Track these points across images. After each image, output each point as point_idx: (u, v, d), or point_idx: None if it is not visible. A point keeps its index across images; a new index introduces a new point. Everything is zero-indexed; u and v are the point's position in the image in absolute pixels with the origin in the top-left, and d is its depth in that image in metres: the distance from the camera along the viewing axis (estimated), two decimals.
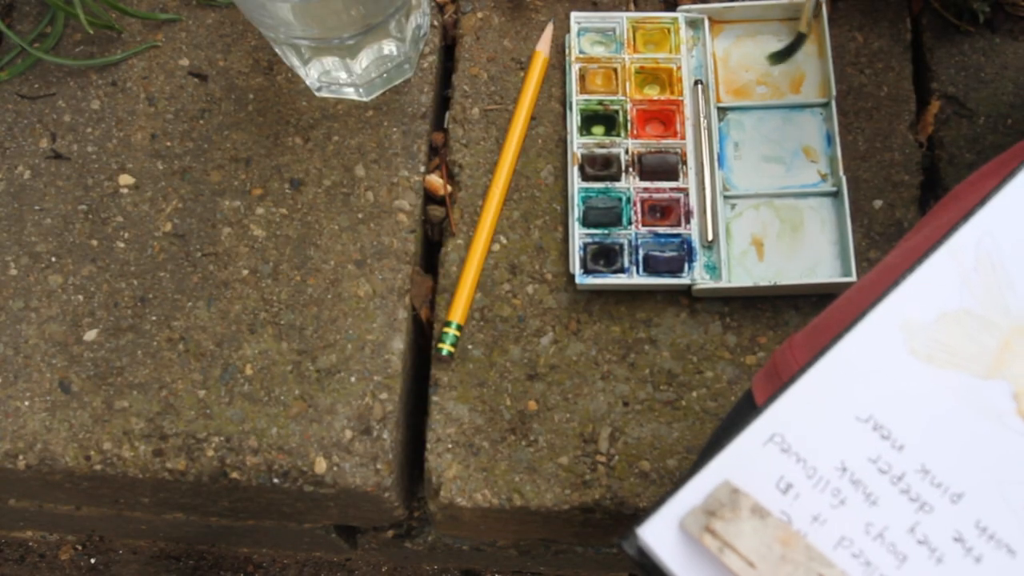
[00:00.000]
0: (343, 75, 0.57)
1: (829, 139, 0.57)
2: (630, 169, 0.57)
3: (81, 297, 0.56)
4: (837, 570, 0.39)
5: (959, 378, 0.42)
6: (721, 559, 0.39)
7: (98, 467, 0.53)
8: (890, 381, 0.42)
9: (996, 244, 0.44)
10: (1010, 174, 0.45)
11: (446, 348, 0.55)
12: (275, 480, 0.53)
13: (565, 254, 0.57)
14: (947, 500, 0.40)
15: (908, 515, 0.40)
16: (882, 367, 0.43)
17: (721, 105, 0.59)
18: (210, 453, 0.53)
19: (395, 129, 0.59)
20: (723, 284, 0.54)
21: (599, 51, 0.61)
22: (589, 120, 0.59)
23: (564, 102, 0.60)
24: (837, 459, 0.41)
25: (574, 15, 0.61)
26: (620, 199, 0.57)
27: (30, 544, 0.81)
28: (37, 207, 0.58)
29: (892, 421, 0.42)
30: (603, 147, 0.58)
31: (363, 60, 0.56)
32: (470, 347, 0.55)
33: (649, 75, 0.60)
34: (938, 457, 0.41)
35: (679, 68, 0.59)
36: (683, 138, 0.58)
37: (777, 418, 0.42)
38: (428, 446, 0.54)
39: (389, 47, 0.57)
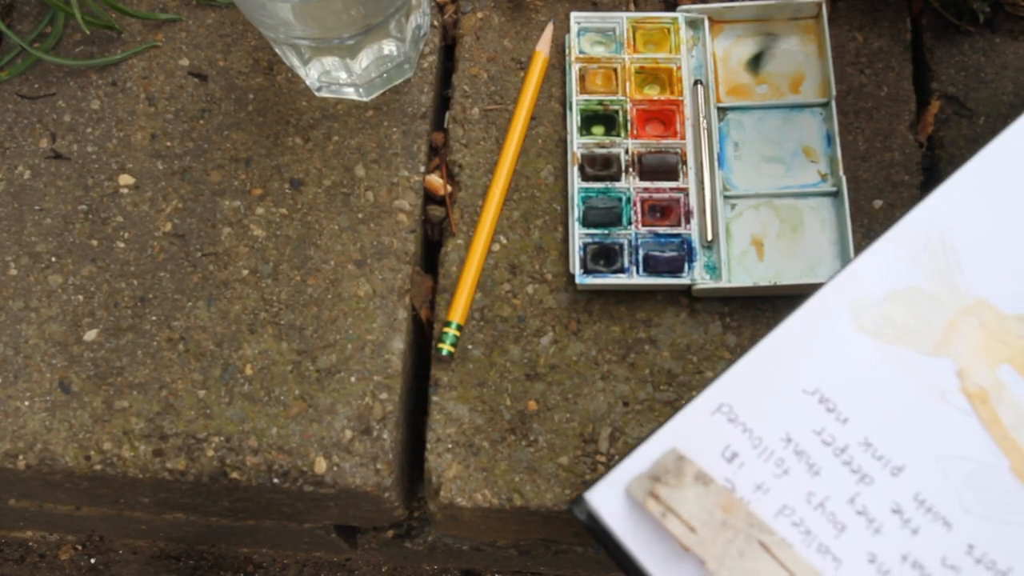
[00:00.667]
0: (343, 75, 0.57)
1: (829, 139, 0.57)
2: (630, 169, 0.57)
3: (81, 297, 0.56)
4: (777, 537, 0.39)
5: (906, 354, 0.42)
6: (664, 524, 0.39)
7: (98, 467, 0.53)
8: (838, 356, 0.42)
9: (948, 225, 0.44)
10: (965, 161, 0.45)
11: (446, 348, 0.55)
12: (275, 480, 0.53)
13: (565, 254, 0.57)
14: (887, 473, 0.40)
15: (849, 486, 0.40)
16: (830, 342, 0.43)
17: (721, 105, 0.59)
18: (210, 453, 0.53)
19: (395, 129, 0.59)
20: (723, 284, 0.54)
21: (599, 51, 0.61)
22: (589, 120, 0.59)
23: (564, 102, 0.60)
24: (782, 430, 0.41)
25: (574, 15, 0.61)
26: (620, 199, 0.57)
27: (30, 544, 0.81)
28: (37, 207, 0.58)
29: (838, 395, 0.42)
30: (603, 147, 0.58)
31: (363, 60, 0.56)
32: (470, 347, 0.55)
33: (649, 75, 0.60)
34: (881, 431, 0.41)
35: (679, 68, 0.59)
36: (683, 138, 0.58)
37: (726, 389, 0.42)
38: (428, 446, 0.54)
39: (389, 47, 0.57)
